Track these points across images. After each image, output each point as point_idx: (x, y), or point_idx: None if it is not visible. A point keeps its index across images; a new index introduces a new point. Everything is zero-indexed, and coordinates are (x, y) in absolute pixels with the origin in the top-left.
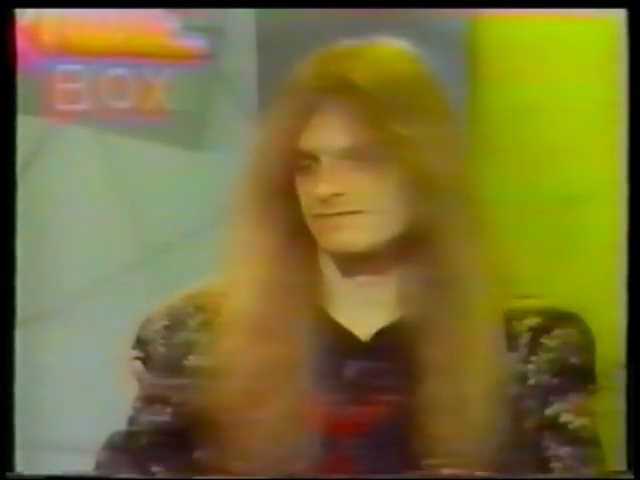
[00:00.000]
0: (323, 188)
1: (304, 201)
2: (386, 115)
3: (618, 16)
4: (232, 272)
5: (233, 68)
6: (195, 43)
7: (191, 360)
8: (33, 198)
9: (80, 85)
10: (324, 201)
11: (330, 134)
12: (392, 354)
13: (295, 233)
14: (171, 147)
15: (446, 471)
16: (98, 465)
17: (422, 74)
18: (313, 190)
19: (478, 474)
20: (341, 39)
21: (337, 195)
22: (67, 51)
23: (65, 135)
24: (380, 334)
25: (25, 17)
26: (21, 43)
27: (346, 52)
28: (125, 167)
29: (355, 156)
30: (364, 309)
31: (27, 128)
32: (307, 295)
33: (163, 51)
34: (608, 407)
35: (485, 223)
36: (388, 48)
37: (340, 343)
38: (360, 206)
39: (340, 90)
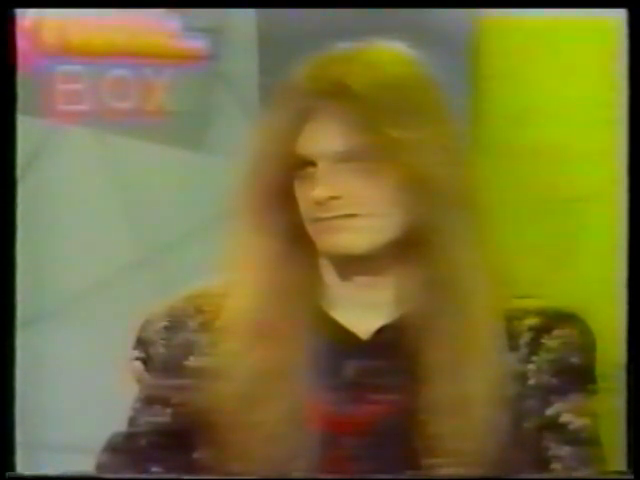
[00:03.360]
0: (320, 192)
1: (302, 205)
2: (382, 119)
3: (618, 16)
4: (232, 275)
5: (234, 69)
6: (196, 44)
7: (191, 361)
8: (33, 199)
9: (81, 86)
10: (321, 204)
11: (326, 138)
12: (392, 353)
13: (294, 236)
14: (172, 147)
15: (446, 471)
16: (98, 467)
17: (419, 76)
18: (311, 194)
19: (478, 474)
20: (342, 40)
21: (334, 199)
22: (68, 52)
23: (66, 136)
24: (380, 333)
25: (26, 17)
26: (22, 43)
27: (342, 56)
28: (126, 168)
29: (351, 160)
30: (363, 309)
31: (27, 129)
32: (306, 297)
33: (164, 52)
34: (608, 407)
35: (484, 224)
36: (384, 51)
37: (340, 342)
38: (357, 209)
39: (336, 94)
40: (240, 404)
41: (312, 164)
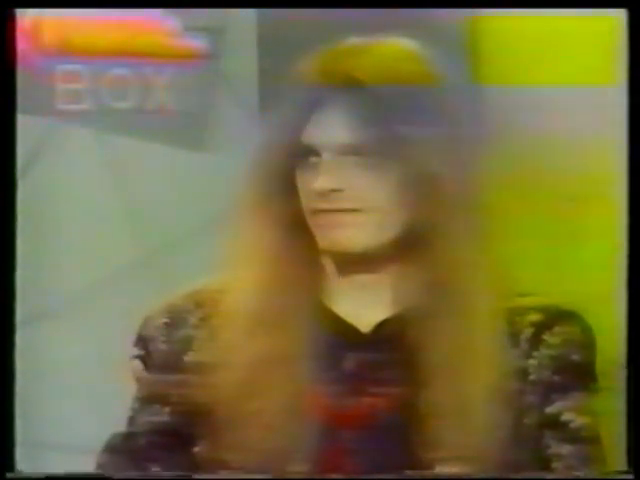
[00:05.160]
0: (323, 183)
1: (303, 195)
2: (390, 114)
3: (618, 16)
4: (234, 265)
5: (234, 68)
6: (196, 43)
7: (191, 356)
8: (33, 198)
9: (81, 85)
10: (323, 196)
11: (333, 130)
12: (393, 346)
13: (296, 227)
14: (172, 147)
15: (445, 466)
16: (98, 467)
17: (428, 75)
18: (313, 185)
19: (478, 474)
20: (342, 39)
21: (336, 191)
22: (68, 51)
23: (66, 135)
24: (381, 326)
25: (26, 17)
26: (22, 43)
27: (353, 49)
28: (126, 167)
29: (356, 153)
30: (364, 303)
31: (27, 128)
32: (307, 288)
33: (164, 51)
34: (608, 407)
35: (486, 224)
36: (395, 47)
37: (340, 335)
38: (359, 204)
39: (346, 87)
40: (240, 393)
41: (316, 154)
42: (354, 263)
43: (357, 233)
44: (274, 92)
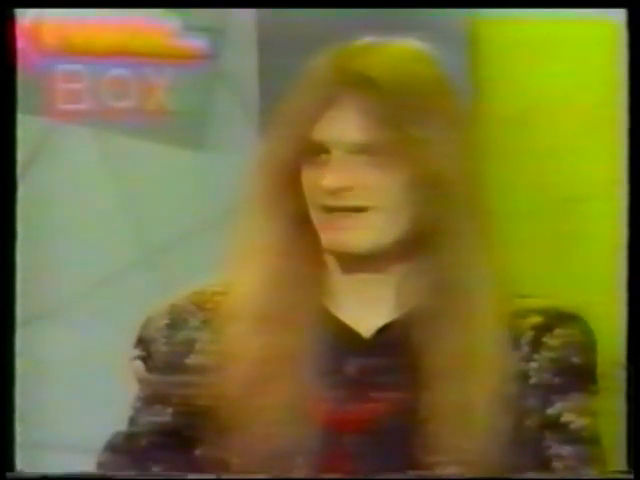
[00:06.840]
0: (331, 180)
1: (308, 191)
2: (402, 115)
3: (618, 16)
4: (238, 260)
5: (234, 68)
6: (196, 43)
7: (192, 358)
8: (33, 198)
9: (81, 85)
10: (331, 193)
11: (344, 128)
12: (394, 351)
13: (299, 224)
14: (172, 147)
15: (446, 469)
16: (99, 466)
17: (440, 78)
18: (320, 181)
19: (478, 474)
20: (342, 39)
21: (345, 189)
22: (68, 51)
23: (66, 135)
24: (382, 331)
25: (26, 17)
26: (22, 43)
27: (367, 49)
28: (126, 167)
29: (367, 152)
30: (366, 307)
31: (27, 128)
32: (310, 288)
33: (164, 51)
34: (609, 407)
35: (491, 228)
36: (409, 49)
37: (341, 339)
38: (367, 202)
39: (359, 86)
40: (242, 390)
41: (326, 151)
42: (357, 263)
43: (361, 234)
44: (274, 92)
